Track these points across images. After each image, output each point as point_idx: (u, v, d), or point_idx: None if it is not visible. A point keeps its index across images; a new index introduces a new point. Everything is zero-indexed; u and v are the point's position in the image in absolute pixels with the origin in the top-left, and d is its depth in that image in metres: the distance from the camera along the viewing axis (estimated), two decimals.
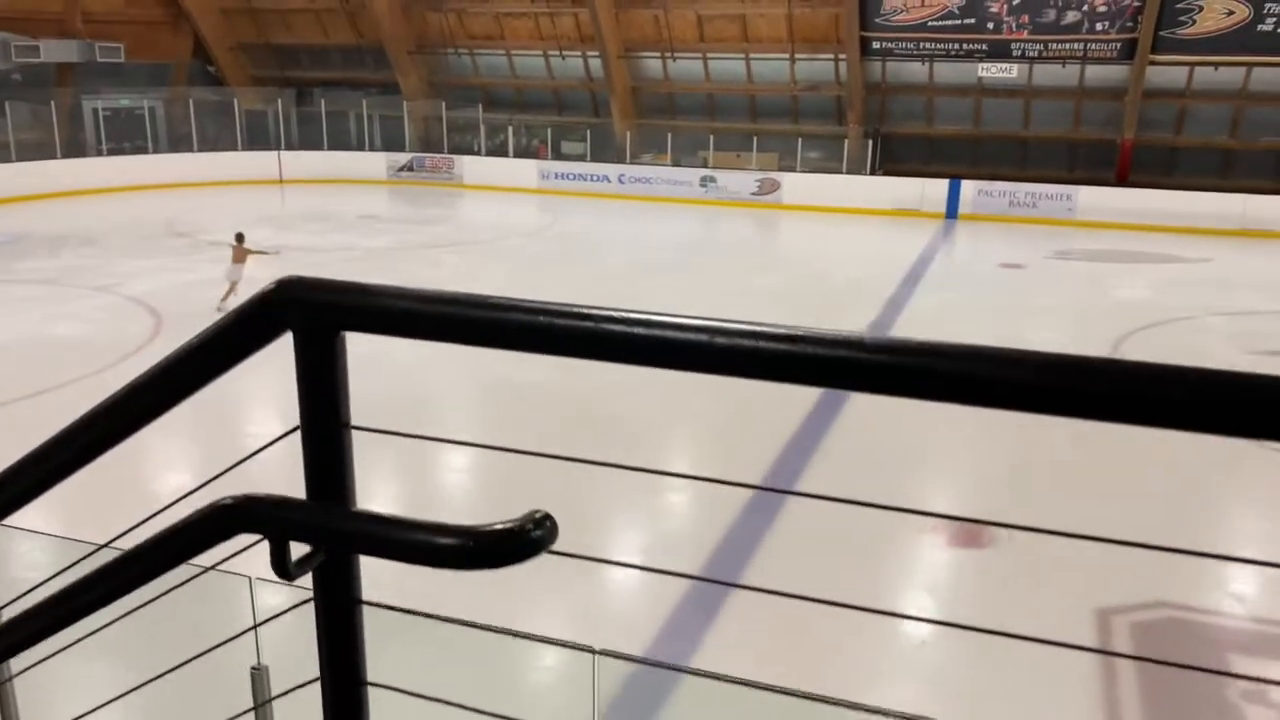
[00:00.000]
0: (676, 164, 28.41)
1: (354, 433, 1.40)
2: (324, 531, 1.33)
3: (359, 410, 1.40)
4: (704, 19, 27.36)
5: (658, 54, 28.53)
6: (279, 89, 31.38)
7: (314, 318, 1.33)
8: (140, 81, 29.76)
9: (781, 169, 27.52)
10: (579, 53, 29.21)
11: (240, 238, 15.04)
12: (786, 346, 1.08)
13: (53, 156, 26.14)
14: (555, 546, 1.22)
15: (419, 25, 30.49)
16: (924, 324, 14.97)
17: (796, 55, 27.11)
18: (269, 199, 25.75)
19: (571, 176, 28.64)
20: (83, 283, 16.11)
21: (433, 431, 10.03)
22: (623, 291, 16.57)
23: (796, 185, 26.89)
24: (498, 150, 30.39)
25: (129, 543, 1.56)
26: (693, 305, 15.74)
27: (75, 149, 27.42)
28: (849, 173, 27.00)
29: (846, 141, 27.18)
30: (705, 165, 28.06)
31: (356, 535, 1.30)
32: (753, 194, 27.14)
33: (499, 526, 1.19)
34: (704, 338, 1.11)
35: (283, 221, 22.15)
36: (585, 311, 1.18)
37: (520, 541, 1.18)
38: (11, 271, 16.80)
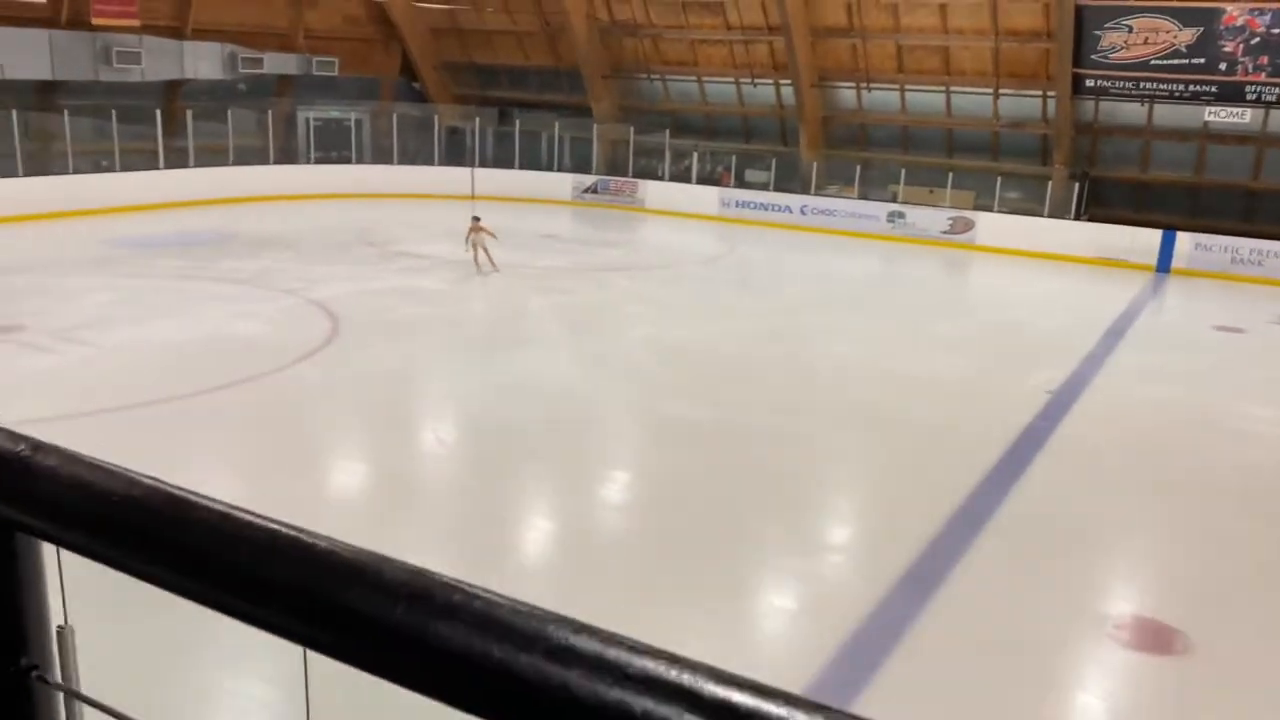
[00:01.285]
0: (863, 197, 27.41)
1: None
2: None
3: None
4: (904, 50, 26.33)
5: (852, 84, 27.68)
6: (478, 107, 32.32)
7: None
8: (351, 95, 31.27)
9: (977, 208, 26.09)
10: (770, 80, 28.72)
11: (477, 219, 18.63)
12: None
13: (266, 162, 27.73)
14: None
15: (615, 50, 30.78)
16: (1122, 386, 13.63)
17: (1001, 90, 25.69)
18: (458, 214, 26.33)
19: (753, 205, 28.10)
20: (272, 284, 16.77)
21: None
22: (789, 326, 15.92)
23: (992, 226, 25.43)
24: (681, 175, 30.21)
25: None
26: (861, 348, 14.93)
27: (287, 156, 29.03)
28: (1051, 216, 25.31)
29: (1050, 183, 25.51)
30: (894, 200, 26.95)
31: None
32: (943, 233, 25.86)
33: None
34: None
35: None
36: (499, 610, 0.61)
37: None
38: (212, 270, 17.70)
